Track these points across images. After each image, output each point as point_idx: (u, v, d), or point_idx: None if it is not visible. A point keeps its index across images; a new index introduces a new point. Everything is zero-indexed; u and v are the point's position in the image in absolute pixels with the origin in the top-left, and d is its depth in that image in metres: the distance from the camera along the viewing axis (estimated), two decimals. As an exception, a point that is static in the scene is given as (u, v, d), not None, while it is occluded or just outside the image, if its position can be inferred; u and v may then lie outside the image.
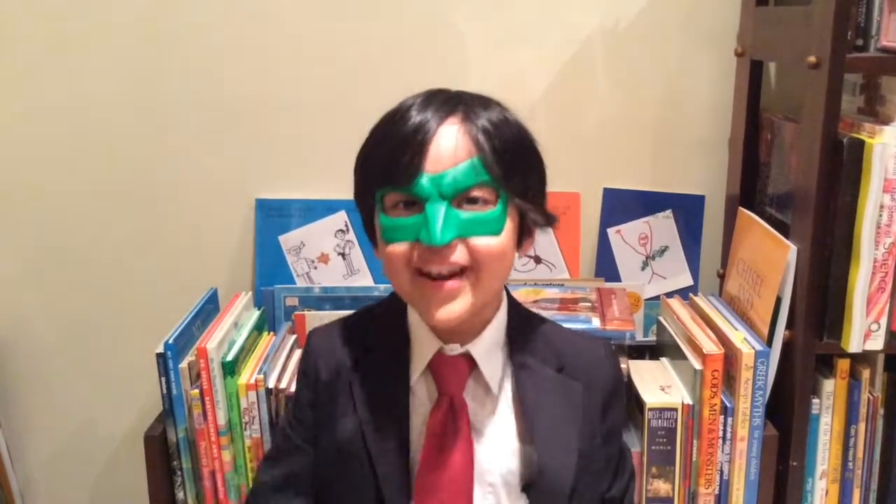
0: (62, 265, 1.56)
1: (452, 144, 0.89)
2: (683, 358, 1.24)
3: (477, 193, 0.90)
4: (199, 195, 1.53)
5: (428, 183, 0.88)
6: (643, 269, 1.55)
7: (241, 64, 1.48)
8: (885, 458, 1.28)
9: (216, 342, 1.22)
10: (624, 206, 1.53)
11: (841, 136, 1.13)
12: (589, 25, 1.47)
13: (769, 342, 1.22)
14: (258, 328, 1.37)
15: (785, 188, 1.33)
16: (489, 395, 1.00)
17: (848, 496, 1.27)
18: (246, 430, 1.23)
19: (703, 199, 1.53)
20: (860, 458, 1.26)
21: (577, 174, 1.52)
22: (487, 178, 0.90)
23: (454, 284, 0.91)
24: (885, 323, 1.17)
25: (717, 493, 1.23)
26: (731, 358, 1.21)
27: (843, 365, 1.23)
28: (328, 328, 1.09)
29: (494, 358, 1.00)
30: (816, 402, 1.23)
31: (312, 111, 1.50)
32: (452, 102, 0.92)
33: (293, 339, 1.39)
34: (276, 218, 1.53)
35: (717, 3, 1.45)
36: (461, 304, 0.92)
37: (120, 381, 1.59)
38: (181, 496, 1.26)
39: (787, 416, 1.22)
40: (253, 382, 1.23)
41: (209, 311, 1.36)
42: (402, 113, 0.92)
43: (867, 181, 1.12)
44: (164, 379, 1.21)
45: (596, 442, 1.02)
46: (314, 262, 1.53)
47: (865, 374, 1.23)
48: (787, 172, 1.31)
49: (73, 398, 1.62)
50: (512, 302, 1.05)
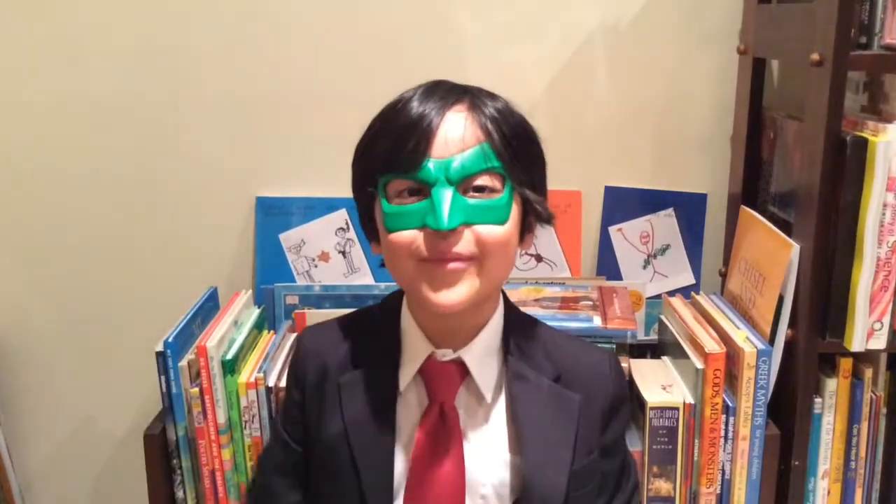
0: (62, 263, 1.56)
1: (461, 130, 0.88)
2: (685, 357, 1.24)
3: (484, 180, 0.89)
4: (199, 193, 1.53)
5: (435, 168, 0.87)
6: (645, 267, 1.55)
7: (241, 62, 1.47)
8: (887, 457, 1.27)
9: (216, 340, 1.21)
10: (625, 204, 1.53)
11: (844, 134, 1.13)
12: (590, 23, 1.46)
13: (771, 341, 1.22)
14: (258, 326, 1.37)
15: (787, 186, 1.32)
16: (482, 403, 0.98)
17: (850, 496, 1.27)
18: (246, 428, 1.23)
19: (705, 197, 1.53)
20: (862, 457, 1.26)
21: (578, 172, 1.52)
22: (497, 164, 0.89)
23: (459, 265, 0.89)
24: (887, 322, 1.17)
25: (718, 492, 1.22)
26: (732, 357, 1.20)
27: (845, 364, 1.22)
28: (319, 328, 1.08)
29: (488, 365, 0.98)
30: (819, 401, 1.23)
31: (313, 109, 1.49)
32: (458, 91, 0.92)
33: (293, 337, 1.39)
34: (276, 216, 1.52)
35: (719, 0, 1.44)
36: (464, 288, 0.90)
37: (120, 379, 1.59)
38: (181, 495, 1.26)
39: (789, 415, 1.22)
40: (253, 381, 1.22)
41: (209, 309, 1.36)
42: (403, 102, 0.91)
43: (870, 179, 1.12)
44: (163, 377, 1.21)
45: (593, 458, 0.99)
46: (314, 260, 1.53)
47: (868, 373, 1.23)
48: (789, 171, 1.31)
49: (72, 396, 1.61)
50: (508, 305, 1.03)
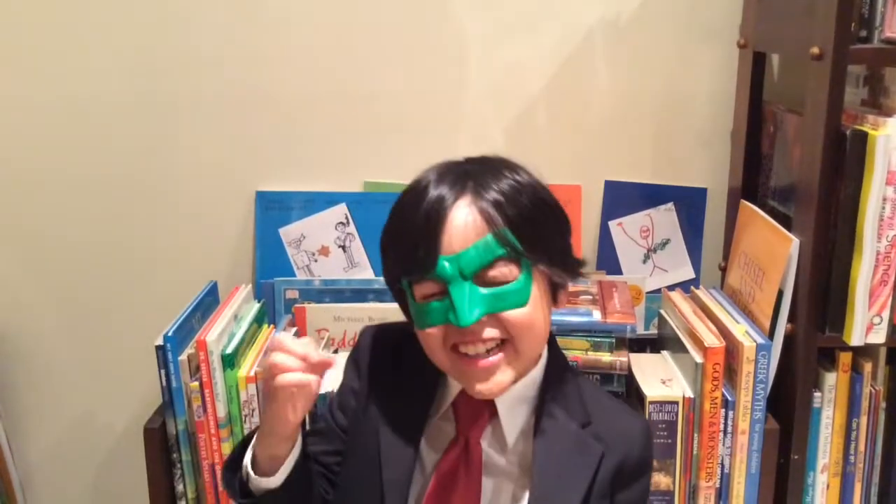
0: (62, 258, 1.56)
1: (463, 224, 0.89)
2: (684, 351, 1.24)
3: (498, 268, 0.90)
4: (199, 188, 1.53)
5: (448, 265, 0.89)
6: (645, 261, 1.55)
7: (240, 56, 1.47)
8: (886, 451, 1.27)
9: (216, 335, 1.22)
10: (625, 198, 1.53)
11: (844, 128, 1.13)
12: (590, 17, 1.46)
13: (771, 335, 1.22)
14: (258, 321, 1.37)
15: (787, 181, 1.32)
16: (504, 447, 0.99)
17: (849, 490, 1.27)
18: (245, 422, 1.23)
19: (704, 191, 1.52)
20: (862, 451, 1.26)
21: (578, 167, 1.52)
22: (503, 251, 0.90)
23: (491, 361, 0.92)
24: (887, 316, 1.17)
25: (717, 486, 1.23)
26: (732, 351, 1.20)
27: (844, 358, 1.22)
28: (385, 329, 1.09)
29: (518, 412, 0.99)
30: (818, 395, 1.23)
31: (313, 104, 1.49)
32: (461, 180, 0.92)
33: (293, 331, 1.39)
34: (276, 210, 1.52)
35: (719, -6, 1.45)
36: (501, 377, 0.94)
37: (120, 373, 1.60)
38: (181, 488, 1.27)
39: (788, 409, 1.22)
40: (252, 375, 1.22)
41: (209, 303, 1.36)
42: (416, 192, 0.92)
43: (870, 173, 1.12)
44: (163, 371, 1.21)
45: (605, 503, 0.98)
46: (314, 254, 1.53)
47: (867, 367, 1.23)
48: (789, 165, 1.31)
49: (73, 391, 1.62)
50: (553, 355, 1.03)
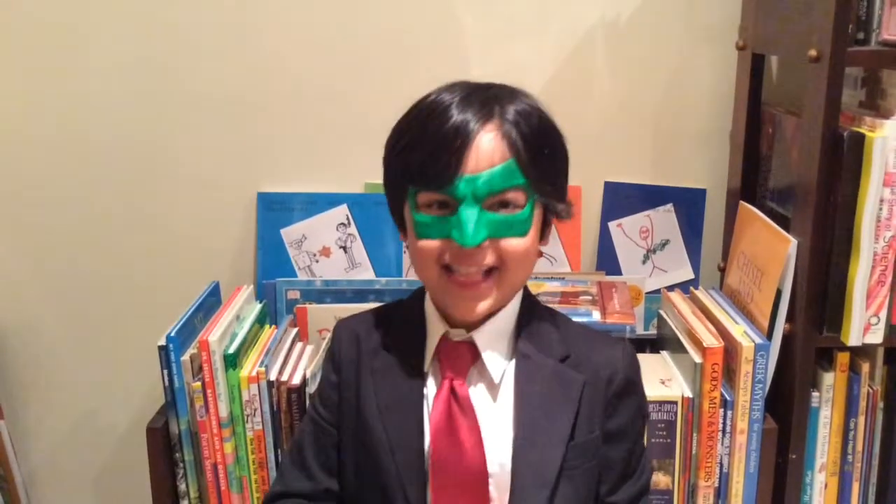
0: (65, 258, 1.57)
1: (491, 146, 0.92)
2: (684, 351, 1.25)
3: (510, 196, 0.93)
4: (200, 189, 1.53)
5: (464, 184, 0.91)
6: (644, 262, 1.55)
7: (243, 58, 1.48)
8: (884, 451, 1.28)
9: (218, 335, 1.22)
10: (625, 199, 1.54)
11: (841, 129, 1.13)
12: (590, 18, 1.47)
13: (769, 335, 1.23)
14: (260, 321, 1.37)
15: (786, 182, 1.33)
16: (491, 384, 1.01)
17: (847, 489, 1.28)
18: (248, 422, 1.24)
19: (704, 192, 1.53)
20: (859, 451, 1.27)
21: (577, 167, 1.49)
22: (522, 181, 0.93)
23: (480, 287, 0.96)
24: (884, 316, 1.17)
25: (716, 485, 1.23)
26: (730, 351, 1.21)
27: (842, 358, 1.23)
28: (353, 318, 1.12)
29: (499, 347, 1.01)
30: (816, 395, 1.24)
31: (314, 105, 1.50)
32: (489, 103, 0.93)
33: (294, 332, 1.40)
34: (277, 211, 1.53)
35: (718, -4, 1.45)
36: (484, 303, 0.97)
37: (122, 373, 1.60)
38: (183, 488, 1.27)
39: (786, 409, 1.23)
40: (255, 375, 1.23)
41: (211, 303, 1.36)
42: (440, 110, 0.93)
43: (867, 175, 1.12)
44: (166, 371, 1.22)
45: (595, 436, 1.00)
46: (316, 255, 1.54)
47: (865, 367, 1.24)
48: (787, 166, 1.32)
49: (76, 390, 1.63)
50: (527, 294, 1.06)
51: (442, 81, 0.99)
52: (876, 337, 1.18)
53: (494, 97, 0.95)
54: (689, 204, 1.53)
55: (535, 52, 1.48)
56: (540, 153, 0.94)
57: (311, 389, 1.25)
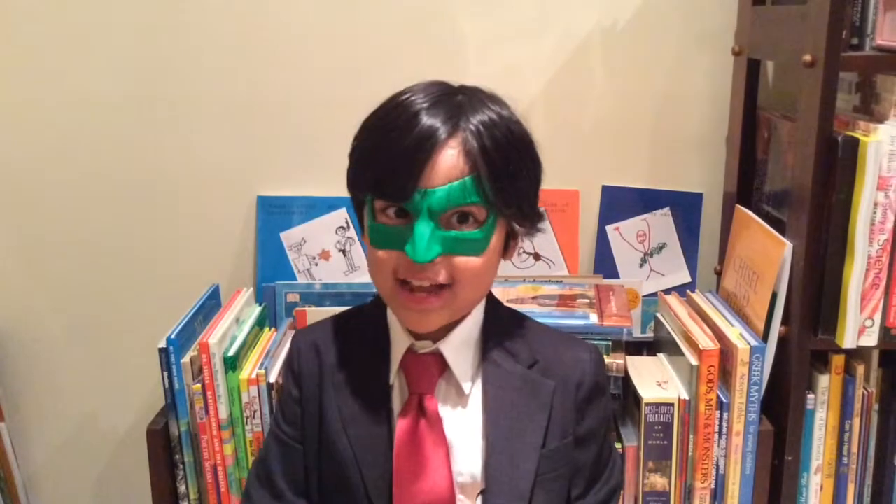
0: (65, 260, 1.57)
1: (450, 163, 0.88)
2: (680, 354, 1.25)
3: (467, 210, 0.90)
4: (201, 192, 1.54)
5: (420, 198, 0.88)
6: (641, 266, 1.56)
7: (242, 61, 1.49)
8: (879, 453, 1.28)
9: (218, 337, 1.23)
10: (622, 203, 1.54)
11: (836, 134, 1.14)
12: (587, 23, 1.48)
13: (765, 338, 1.24)
14: (259, 324, 1.38)
15: (781, 186, 1.34)
16: (461, 394, 0.99)
17: (842, 491, 1.28)
18: (247, 424, 1.25)
19: (700, 196, 1.54)
20: (855, 453, 1.27)
21: (575, 172, 1.53)
22: (478, 199, 0.89)
23: (431, 302, 0.92)
24: (878, 319, 1.18)
25: (713, 487, 1.24)
26: (726, 353, 1.22)
27: (837, 360, 1.24)
28: (312, 328, 1.09)
29: (465, 356, 0.99)
30: (811, 397, 1.24)
31: (313, 108, 1.51)
32: (455, 114, 0.90)
33: (294, 334, 1.40)
34: (277, 215, 1.54)
35: (714, 2, 1.46)
36: (435, 317, 0.94)
37: (123, 375, 1.61)
38: (183, 489, 1.28)
39: (782, 411, 1.23)
40: (254, 377, 1.24)
41: (211, 306, 1.37)
42: (405, 117, 0.90)
43: (862, 179, 1.13)
44: (166, 373, 1.22)
45: (567, 442, 0.99)
46: (315, 258, 1.55)
47: (860, 369, 1.24)
48: (783, 170, 1.32)
49: (76, 392, 1.63)
50: (491, 300, 1.04)
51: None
52: (870, 339, 1.19)
53: (460, 106, 0.91)
54: (685, 208, 1.54)
55: (532, 56, 1.49)
56: (503, 172, 0.90)
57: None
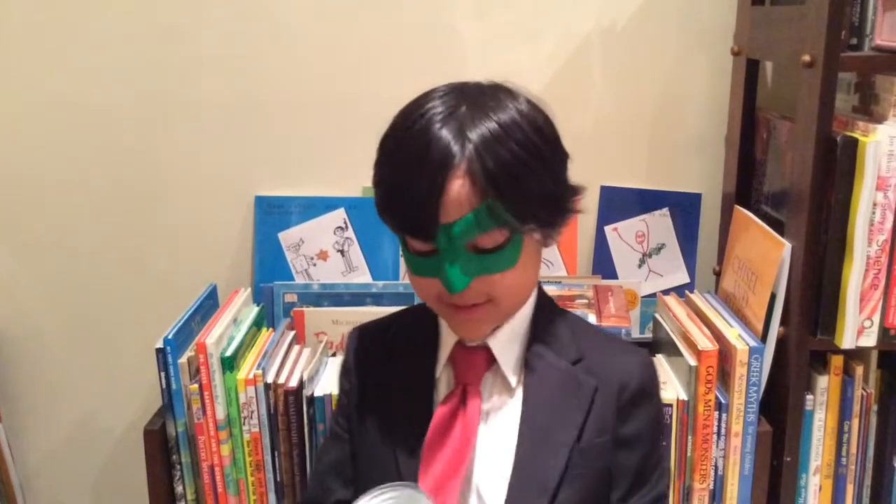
0: (63, 260, 1.57)
1: (460, 195, 0.87)
2: (679, 354, 1.25)
3: (488, 237, 0.90)
4: (199, 192, 1.54)
5: (442, 233, 0.89)
6: (640, 266, 1.56)
7: (241, 61, 1.49)
8: (878, 453, 1.28)
9: (215, 338, 1.23)
10: (621, 204, 1.54)
11: (835, 134, 1.14)
12: (586, 24, 1.48)
13: (763, 339, 1.23)
14: (257, 324, 1.38)
15: (780, 186, 1.34)
16: (508, 388, 1.00)
17: (841, 492, 1.28)
18: (245, 424, 1.24)
19: (699, 196, 1.54)
20: (854, 453, 1.27)
21: (574, 172, 1.50)
22: (494, 225, 0.89)
23: (477, 314, 0.94)
24: (877, 320, 1.18)
25: (711, 488, 1.24)
26: (725, 354, 1.22)
27: (836, 361, 1.24)
28: (368, 324, 1.11)
29: (512, 350, 1.00)
30: (810, 398, 1.24)
31: (312, 109, 1.51)
32: (457, 134, 0.88)
33: (292, 335, 1.40)
34: (275, 215, 1.54)
35: (713, 2, 1.46)
36: (483, 326, 0.97)
37: (120, 375, 1.60)
38: (180, 490, 1.27)
39: (781, 411, 1.23)
40: (252, 378, 1.23)
41: (209, 306, 1.37)
42: (417, 146, 0.89)
43: (861, 179, 1.13)
44: (163, 374, 1.22)
45: (605, 440, 0.97)
46: (313, 258, 1.54)
47: (859, 370, 1.24)
48: (782, 170, 1.32)
49: (73, 392, 1.63)
50: (542, 294, 1.04)
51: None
52: (869, 340, 1.19)
53: (462, 124, 0.88)
54: (684, 208, 1.54)
55: (531, 57, 1.49)
56: (517, 194, 0.89)
57: (307, 392, 1.25)
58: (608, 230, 1.55)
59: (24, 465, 1.66)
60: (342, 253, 1.54)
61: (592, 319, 1.29)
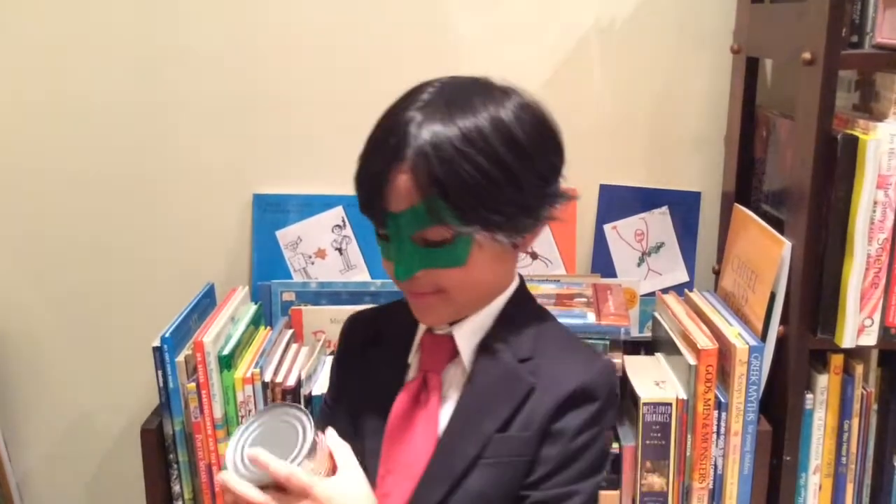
0: (60, 259, 1.56)
1: (404, 188, 0.89)
2: (678, 353, 1.25)
3: (433, 231, 0.91)
4: (196, 190, 1.54)
5: (391, 221, 0.92)
6: (639, 265, 1.56)
7: (238, 59, 1.48)
8: (878, 453, 1.28)
9: (213, 336, 1.22)
10: (620, 202, 1.54)
11: (835, 132, 1.14)
12: (585, 22, 1.47)
13: (763, 337, 1.23)
14: (255, 323, 1.38)
15: (780, 184, 1.33)
16: (466, 377, 1.00)
17: (841, 491, 1.28)
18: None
19: (699, 195, 1.54)
20: (853, 453, 1.27)
21: (573, 170, 1.49)
22: (434, 222, 0.89)
23: (428, 300, 0.96)
24: (878, 318, 1.18)
25: (711, 487, 1.23)
26: (725, 353, 1.21)
27: (836, 360, 1.23)
28: (360, 311, 1.13)
29: (475, 342, 1.00)
30: (810, 397, 1.24)
31: (310, 106, 1.50)
32: (403, 134, 0.89)
33: (290, 333, 1.40)
34: (273, 213, 1.53)
35: (713, 0, 1.45)
36: (438, 313, 0.98)
37: (117, 374, 1.60)
38: (177, 489, 1.27)
39: (780, 410, 1.23)
40: (249, 376, 1.23)
41: (206, 305, 1.37)
42: (376, 136, 0.94)
43: (861, 177, 1.13)
44: (160, 372, 1.22)
45: (526, 435, 0.95)
46: (311, 257, 1.54)
47: (859, 369, 1.24)
48: (782, 169, 1.32)
49: (70, 391, 1.62)
50: (520, 292, 1.03)
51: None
52: (869, 339, 1.19)
53: (425, 120, 0.89)
54: (684, 207, 1.54)
55: (530, 56, 1.48)
56: (459, 190, 0.88)
57: (305, 391, 1.25)
58: (607, 228, 1.55)
59: (21, 464, 1.65)
60: (340, 251, 1.54)
61: (591, 318, 1.29)
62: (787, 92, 1.45)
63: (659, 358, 1.35)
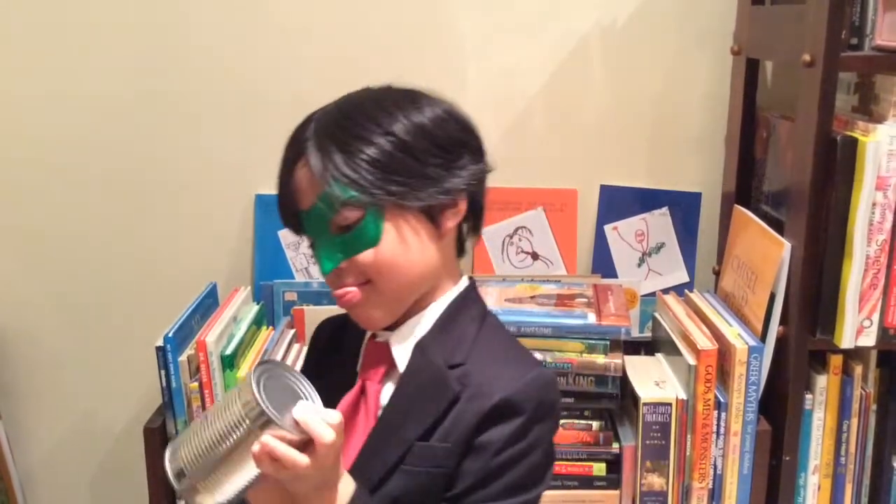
0: (62, 258, 1.57)
1: (304, 181, 0.93)
2: (678, 353, 1.25)
3: (342, 215, 0.91)
4: (199, 190, 1.54)
5: (306, 222, 0.94)
6: (640, 265, 1.56)
7: (240, 59, 1.48)
8: (877, 453, 1.29)
9: (215, 336, 1.23)
10: (621, 202, 1.54)
11: (835, 134, 1.14)
12: (586, 22, 1.48)
13: (763, 338, 1.24)
14: (257, 322, 1.38)
15: (780, 185, 1.34)
16: None
17: (840, 491, 1.29)
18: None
19: (699, 196, 1.54)
20: (852, 453, 1.27)
21: (574, 171, 1.53)
22: (337, 206, 0.90)
23: (353, 294, 0.94)
24: (877, 319, 1.18)
25: (710, 487, 1.24)
26: (724, 353, 1.22)
27: (835, 361, 1.24)
28: (332, 317, 1.12)
29: (409, 347, 0.98)
30: (809, 397, 1.24)
31: (312, 106, 1.49)
32: (301, 131, 0.97)
33: (292, 333, 1.41)
34: (275, 213, 1.50)
35: (713, 1, 1.46)
36: (365, 311, 0.95)
37: (120, 373, 1.60)
38: (180, 488, 1.28)
39: (780, 411, 1.23)
40: (251, 376, 1.23)
41: (209, 305, 1.37)
42: (287, 146, 0.99)
43: (860, 179, 1.13)
44: (163, 372, 1.22)
45: (445, 446, 0.93)
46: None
47: (858, 370, 1.24)
48: (782, 170, 1.32)
49: (73, 390, 1.63)
50: (465, 295, 1.00)
51: (438, 85, 0.98)
52: (868, 340, 1.19)
53: (309, 122, 0.98)
54: (684, 207, 1.54)
55: (531, 56, 1.49)
56: (350, 159, 0.91)
57: (307, 390, 1.25)
58: (608, 229, 1.55)
59: (24, 463, 1.66)
60: (342, 251, 1.54)
61: (592, 318, 1.29)
62: (787, 93, 1.45)
63: (659, 358, 1.35)
